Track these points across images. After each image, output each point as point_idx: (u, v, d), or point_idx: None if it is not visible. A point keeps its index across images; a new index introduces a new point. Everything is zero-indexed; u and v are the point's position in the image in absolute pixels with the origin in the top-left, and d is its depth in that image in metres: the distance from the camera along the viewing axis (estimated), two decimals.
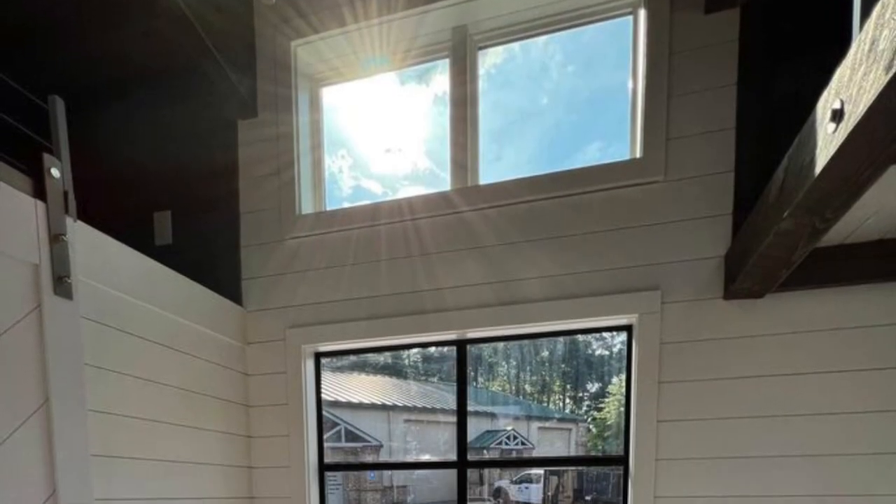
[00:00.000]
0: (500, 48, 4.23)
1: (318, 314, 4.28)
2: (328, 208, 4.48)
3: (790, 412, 3.46)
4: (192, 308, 3.88)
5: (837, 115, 1.92)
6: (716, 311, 3.56)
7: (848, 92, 1.85)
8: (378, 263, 4.15)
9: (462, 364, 4.21)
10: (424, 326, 4.03)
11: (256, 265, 4.43)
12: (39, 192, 2.73)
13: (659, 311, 3.63)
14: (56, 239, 2.79)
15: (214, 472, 4.06)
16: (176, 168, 4.57)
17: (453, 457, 4.28)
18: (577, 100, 4.41)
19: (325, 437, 4.55)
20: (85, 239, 3.03)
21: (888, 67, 1.61)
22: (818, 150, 2.09)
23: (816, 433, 3.42)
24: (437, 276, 4.03)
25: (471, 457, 4.24)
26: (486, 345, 4.11)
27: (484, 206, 3.94)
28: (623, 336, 3.92)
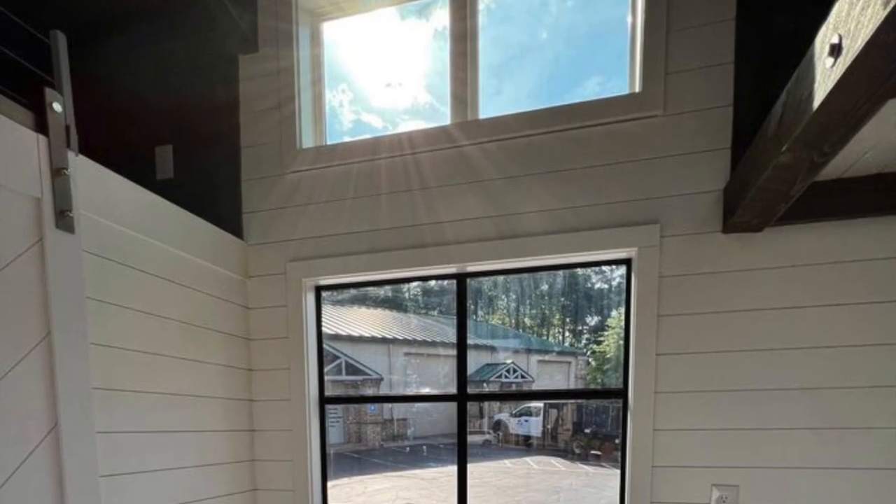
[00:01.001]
0: None
1: (319, 248, 4.30)
2: (329, 142, 4.48)
3: (788, 345, 3.48)
4: (194, 242, 3.89)
5: (835, 50, 1.92)
6: (715, 245, 3.57)
7: (846, 27, 1.85)
8: (378, 197, 4.15)
9: (462, 297, 4.23)
10: (424, 260, 4.05)
11: (257, 199, 4.44)
12: (41, 127, 2.74)
13: (658, 244, 3.64)
14: (58, 173, 2.80)
15: (215, 404, 4.10)
16: (177, 102, 4.56)
17: (453, 390, 4.31)
18: (576, 34, 4.40)
19: (325, 370, 4.58)
20: (87, 173, 3.04)
21: (886, 2, 1.61)
22: (816, 85, 2.10)
23: (814, 366, 3.45)
24: (437, 210, 4.04)
25: (471, 390, 4.26)
26: (486, 278, 4.11)
27: (484, 141, 3.94)
28: (622, 270, 3.94)
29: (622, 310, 3.86)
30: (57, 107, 2.78)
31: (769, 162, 2.65)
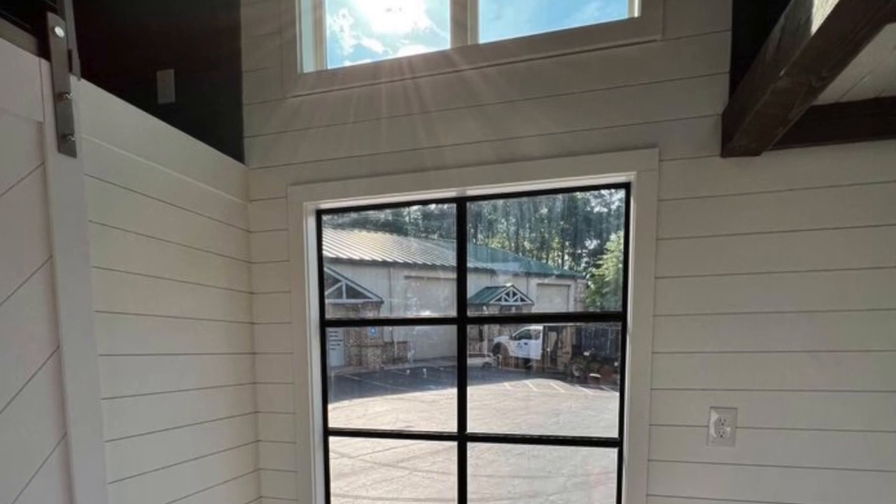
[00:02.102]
0: None
1: (320, 172, 4.30)
2: (329, 67, 4.46)
3: (786, 269, 3.50)
4: (195, 165, 3.89)
5: None
6: (713, 169, 3.57)
7: None
8: (379, 122, 4.15)
9: (462, 221, 4.24)
10: (425, 184, 4.06)
11: (258, 123, 4.43)
12: (43, 51, 2.73)
13: (657, 168, 3.64)
14: (60, 97, 2.79)
15: (217, 327, 4.13)
16: (178, 27, 4.53)
17: (453, 313, 4.33)
18: None
19: (326, 293, 4.60)
20: (89, 97, 3.04)
21: None
22: (815, 9, 2.09)
23: (811, 289, 3.47)
24: (437, 135, 4.04)
25: (470, 313, 4.28)
26: (486, 202, 4.11)
27: (483, 65, 3.93)
28: (621, 193, 3.94)
29: (621, 233, 3.87)
30: (59, 31, 2.77)
31: (767, 86, 2.65)
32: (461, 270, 4.27)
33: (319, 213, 4.49)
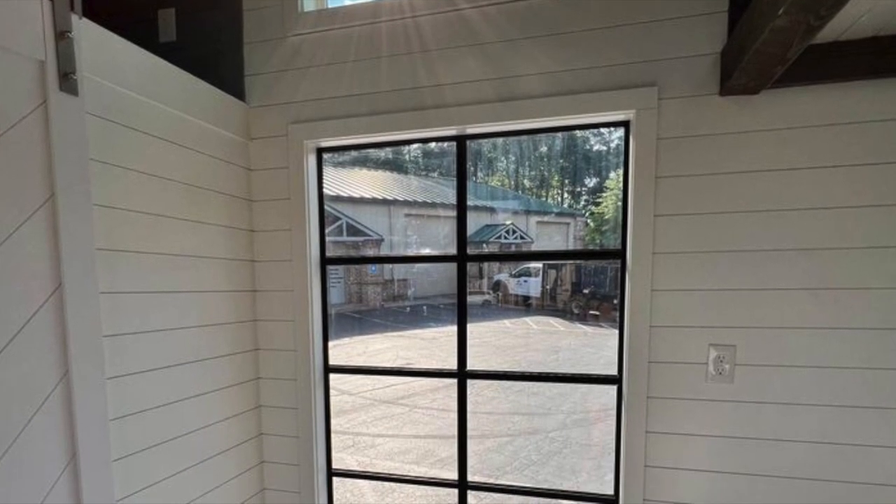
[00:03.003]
0: None
1: (320, 110, 4.30)
2: (330, 6, 4.43)
3: (784, 207, 3.50)
4: (196, 104, 3.89)
5: None
6: (712, 107, 3.57)
7: None
8: (379, 60, 4.14)
9: (462, 160, 4.24)
10: (424, 122, 4.05)
11: (259, 62, 4.42)
12: None
13: (656, 106, 3.64)
14: (62, 36, 2.79)
15: (217, 265, 4.15)
16: None
17: (453, 250, 4.33)
18: None
19: (326, 231, 4.60)
20: (90, 36, 3.03)
21: None
22: None
23: (810, 227, 3.48)
24: (437, 73, 4.03)
25: (470, 251, 4.29)
26: (486, 140, 4.10)
27: (483, 4, 3.91)
28: (620, 132, 3.94)
29: (620, 171, 3.88)
30: None
31: (766, 25, 2.65)
32: (461, 208, 4.27)
33: (320, 152, 4.49)
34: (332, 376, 4.72)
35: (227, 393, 4.26)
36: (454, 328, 4.39)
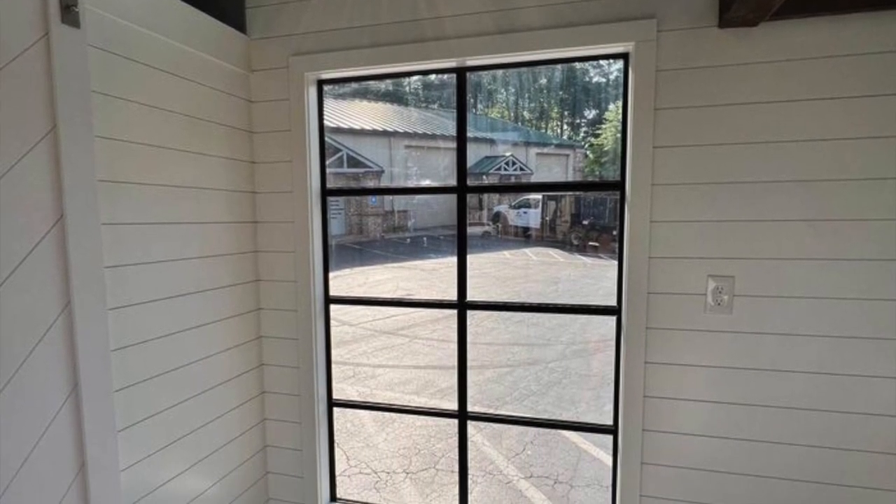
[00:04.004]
0: None
1: (321, 42, 4.27)
2: None
3: (783, 138, 3.50)
4: (197, 36, 3.87)
5: None
6: (711, 40, 3.56)
7: None
8: None
9: (462, 92, 4.23)
10: (425, 54, 4.04)
11: None
12: None
13: (655, 39, 3.62)
14: None
15: (218, 196, 4.15)
16: None
17: (453, 182, 4.33)
18: None
19: (327, 162, 4.61)
20: None
21: None
22: None
23: (808, 159, 3.48)
24: (437, 5, 4.01)
25: (470, 182, 4.29)
26: (486, 73, 4.10)
27: None
28: (620, 64, 3.93)
29: (619, 103, 3.87)
30: None
31: None
32: (461, 140, 4.27)
33: (320, 84, 4.47)
34: (332, 307, 4.75)
35: (228, 324, 4.29)
36: (454, 259, 4.41)
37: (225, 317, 4.24)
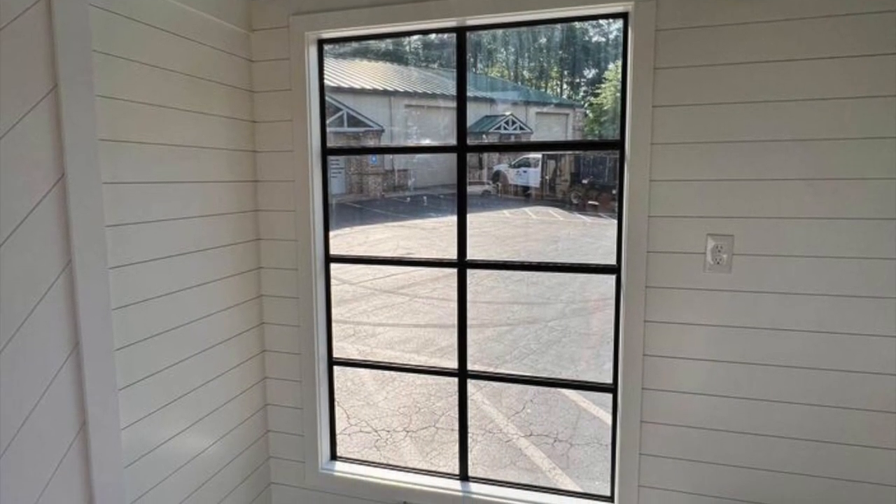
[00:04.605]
0: None
1: (322, 1, 4.24)
2: None
3: (782, 97, 3.50)
4: None
5: None
6: None
7: None
8: None
9: (462, 51, 4.22)
10: (425, 13, 4.03)
11: None
12: None
13: None
14: None
15: (219, 155, 4.15)
16: None
17: (453, 141, 4.33)
18: None
19: (327, 121, 4.60)
20: None
21: None
22: None
23: (808, 118, 3.48)
24: None
25: (470, 141, 4.29)
26: (486, 32, 4.09)
27: None
28: (619, 24, 3.92)
29: (619, 63, 3.86)
30: None
31: None
32: (461, 99, 4.26)
33: (321, 43, 4.47)
34: (332, 266, 4.77)
35: (228, 282, 4.31)
36: (454, 218, 4.41)
37: (225, 275, 4.26)
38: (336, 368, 4.91)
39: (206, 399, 4.14)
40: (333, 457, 4.95)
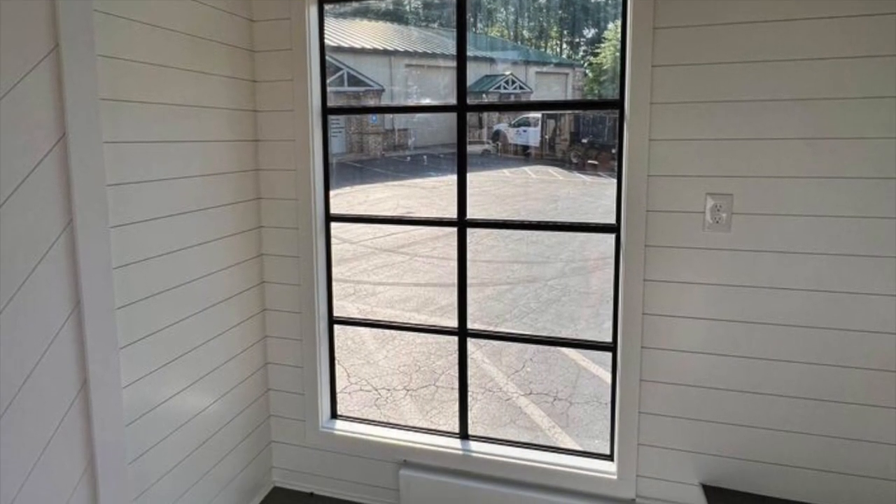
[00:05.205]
0: None
1: None
2: None
3: (781, 57, 3.50)
4: None
5: None
6: None
7: None
8: None
9: (462, 10, 4.20)
10: None
11: None
12: None
13: None
14: None
15: (220, 115, 4.16)
16: None
17: (453, 101, 4.33)
18: None
19: (328, 81, 4.61)
20: None
21: None
22: None
23: (807, 77, 3.48)
24: None
25: (470, 101, 4.29)
26: None
27: None
28: None
29: (618, 22, 3.86)
30: None
31: None
32: (461, 59, 4.26)
33: (321, 2, 4.46)
34: (333, 225, 4.79)
35: (229, 241, 4.32)
36: (454, 177, 4.42)
37: (226, 235, 4.27)
38: (336, 327, 4.93)
39: (207, 358, 4.16)
40: (334, 415, 4.99)
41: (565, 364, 8.33)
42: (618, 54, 3.88)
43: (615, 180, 4.10)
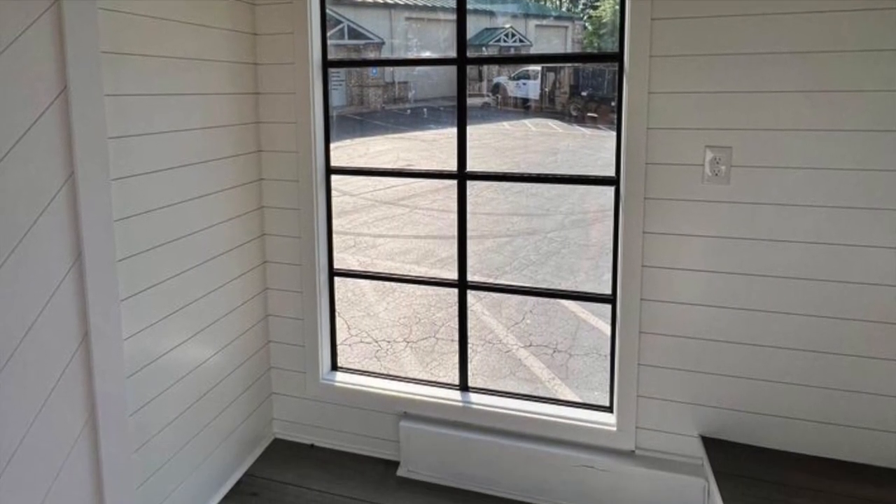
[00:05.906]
0: None
1: None
2: None
3: (779, 10, 3.45)
4: None
5: None
6: None
7: None
8: None
9: None
10: None
11: None
12: None
13: None
14: None
15: (220, 67, 4.16)
16: None
17: (453, 53, 4.32)
18: None
19: (328, 34, 4.59)
20: None
21: None
22: None
23: (805, 30, 3.47)
24: None
25: (470, 54, 4.29)
26: None
27: None
28: None
29: None
30: None
31: None
32: (461, 11, 4.25)
33: None
34: (333, 177, 4.80)
35: (230, 194, 4.33)
36: (454, 130, 4.42)
37: (227, 187, 4.28)
38: (336, 279, 4.96)
39: (208, 310, 4.19)
40: (334, 367, 5.03)
41: (565, 316, 8.37)
42: (617, 7, 3.88)
43: (614, 133, 4.10)
